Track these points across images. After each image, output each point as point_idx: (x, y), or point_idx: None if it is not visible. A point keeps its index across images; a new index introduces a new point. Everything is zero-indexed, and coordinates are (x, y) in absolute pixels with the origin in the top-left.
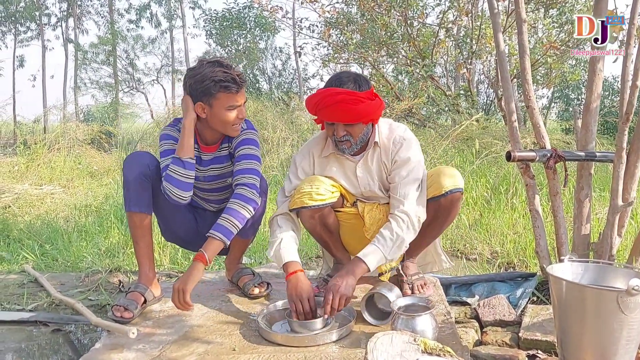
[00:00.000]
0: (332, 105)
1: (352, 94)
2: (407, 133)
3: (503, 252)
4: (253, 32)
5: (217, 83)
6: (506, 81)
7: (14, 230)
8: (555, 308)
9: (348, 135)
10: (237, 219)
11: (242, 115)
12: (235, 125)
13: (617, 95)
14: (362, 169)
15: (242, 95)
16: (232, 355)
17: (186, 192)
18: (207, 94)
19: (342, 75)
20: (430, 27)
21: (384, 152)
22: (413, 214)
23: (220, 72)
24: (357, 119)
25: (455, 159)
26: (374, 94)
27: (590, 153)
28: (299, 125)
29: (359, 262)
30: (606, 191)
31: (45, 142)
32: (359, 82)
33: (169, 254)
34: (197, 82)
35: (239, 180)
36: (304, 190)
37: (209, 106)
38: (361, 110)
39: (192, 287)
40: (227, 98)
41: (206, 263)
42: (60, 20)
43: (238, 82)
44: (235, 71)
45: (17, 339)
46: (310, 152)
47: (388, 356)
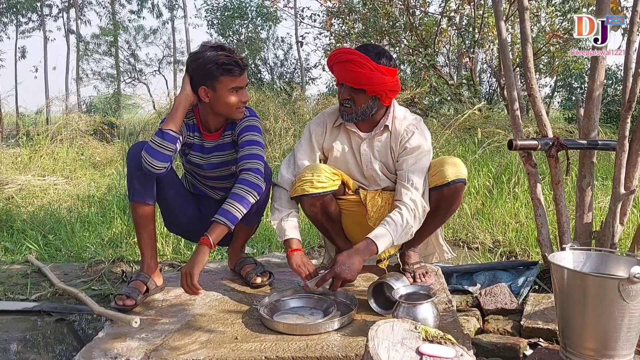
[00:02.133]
0: (342, 63)
1: (364, 58)
2: (420, 124)
3: (505, 241)
4: (255, 22)
5: (220, 66)
6: (508, 70)
7: (17, 221)
8: (556, 296)
9: (351, 101)
10: (242, 204)
11: (245, 98)
12: (239, 108)
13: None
14: (367, 147)
15: (244, 79)
16: (235, 344)
17: (159, 163)
18: (210, 78)
19: (370, 45)
20: (433, 16)
21: (394, 137)
22: (420, 203)
23: (223, 56)
24: (360, 84)
25: (457, 148)
26: (391, 73)
27: (592, 141)
28: (301, 116)
29: (369, 243)
30: (608, 179)
31: (48, 133)
32: (381, 54)
33: (171, 244)
34: (200, 66)
35: (244, 165)
36: (305, 177)
37: (212, 90)
38: (367, 76)
39: (199, 271)
40: (230, 81)
41: (211, 247)
42: (61, 11)
43: (241, 65)
44: (238, 55)
45: (21, 328)
46: (324, 121)
47: (389, 344)
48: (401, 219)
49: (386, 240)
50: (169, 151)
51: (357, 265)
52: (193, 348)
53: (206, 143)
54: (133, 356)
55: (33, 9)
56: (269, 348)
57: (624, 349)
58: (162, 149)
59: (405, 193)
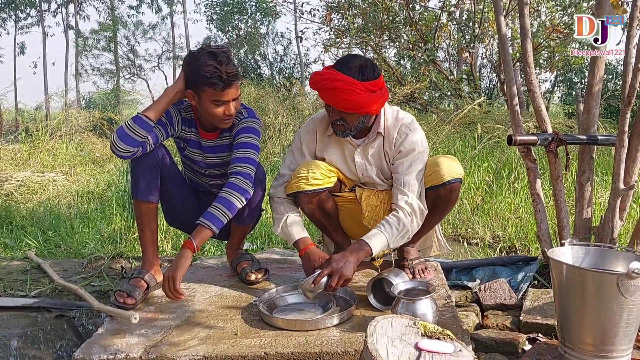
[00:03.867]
0: (329, 90)
1: (350, 84)
2: (413, 124)
3: (504, 237)
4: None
5: (203, 78)
6: (508, 65)
7: (16, 217)
8: (555, 291)
9: (342, 120)
10: (229, 208)
11: (230, 112)
12: (224, 120)
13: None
14: (360, 155)
15: (231, 92)
16: (234, 340)
17: (125, 146)
18: (195, 85)
19: (350, 60)
20: (433, 11)
21: (387, 141)
22: (417, 206)
23: (210, 67)
24: (350, 109)
25: (457, 143)
26: (378, 85)
27: (591, 136)
28: (300, 111)
29: (363, 244)
30: (608, 175)
31: (47, 129)
32: (365, 71)
33: (171, 240)
34: (189, 72)
35: (234, 169)
36: (300, 174)
37: (198, 96)
38: (357, 101)
39: (182, 275)
40: (213, 93)
41: (194, 250)
42: (60, 6)
43: (225, 80)
44: (228, 68)
45: (21, 324)
46: (314, 128)
47: (388, 339)
48: (397, 222)
49: (381, 242)
50: (139, 137)
51: (353, 264)
52: (192, 344)
53: (203, 141)
54: (132, 352)
55: (32, 4)
56: (269, 344)
57: (622, 344)
58: (132, 132)
59: (401, 197)
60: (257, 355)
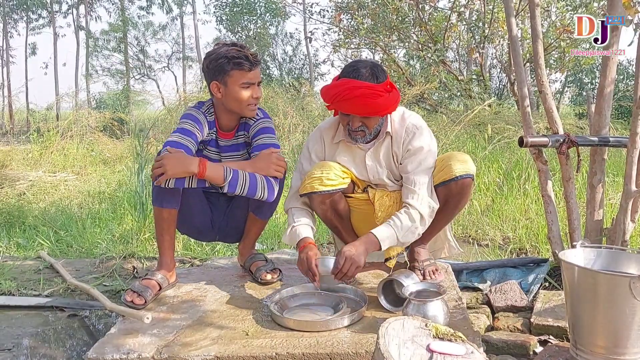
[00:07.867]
0: (352, 99)
1: (371, 88)
2: (419, 122)
3: (515, 238)
4: (263, 18)
5: (230, 60)
6: (519, 66)
7: (29, 217)
8: (567, 294)
9: (363, 126)
10: (252, 184)
11: (257, 94)
12: (251, 105)
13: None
14: (371, 158)
15: (256, 74)
16: (246, 340)
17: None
18: (221, 72)
19: (359, 65)
20: (442, 11)
21: (395, 141)
22: (427, 205)
23: (233, 50)
24: (375, 112)
25: (467, 144)
26: (391, 85)
27: (603, 138)
28: (309, 112)
29: (372, 237)
30: (619, 176)
31: (58, 130)
32: (376, 73)
33: (182, 240)
34: (212, 62)
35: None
36: (314, 175)
37: (223, 85)
38: (380, 104)
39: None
40: (240, 75)
41: (202, 171)
42: (71, 7)
43: (251, 60)
44: (250, 50)
45: (35, 323)
46: (321, 137)
47: (399, 341)
48: (407, 218)
49: (389, 237)
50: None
51: (363, 254)
52: (204, 344)
53: (221, 141)
54: (145, 352)
55: (43, 5)
56: (280, 344)
57: (634, 347)
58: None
59: (411, 195)
60: (268, 356)
